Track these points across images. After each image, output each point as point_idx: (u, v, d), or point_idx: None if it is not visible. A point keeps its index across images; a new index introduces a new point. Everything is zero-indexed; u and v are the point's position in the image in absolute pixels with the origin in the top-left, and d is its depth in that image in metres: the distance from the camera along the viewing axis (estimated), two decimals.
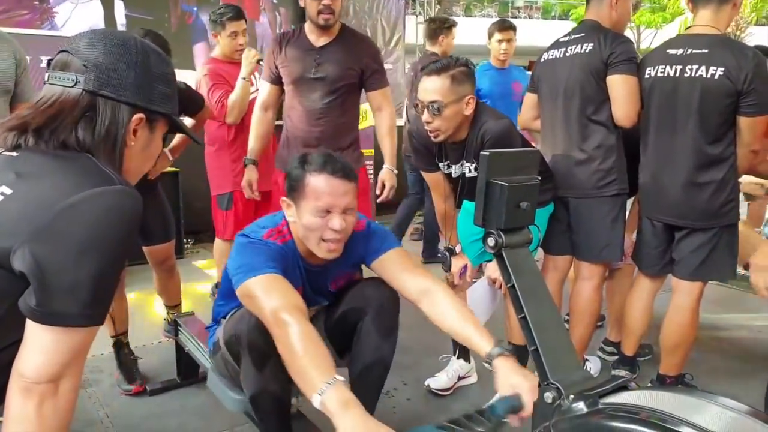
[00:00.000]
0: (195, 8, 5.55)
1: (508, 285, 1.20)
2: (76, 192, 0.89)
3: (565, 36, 2.33)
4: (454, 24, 4.06)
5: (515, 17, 22.03)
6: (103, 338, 2.52)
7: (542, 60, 2.38)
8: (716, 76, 1.98)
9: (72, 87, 0.99)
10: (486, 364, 1.34)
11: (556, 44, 2.34)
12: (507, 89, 3.85)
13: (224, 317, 1.77)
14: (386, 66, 9.59)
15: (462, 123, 2.01)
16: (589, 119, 2.21)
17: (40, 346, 0.88)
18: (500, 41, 3.82)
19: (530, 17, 23.48)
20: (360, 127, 2.84)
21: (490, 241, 1.21)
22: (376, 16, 8.70)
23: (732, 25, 14.60)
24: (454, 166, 2.15)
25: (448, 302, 1.47)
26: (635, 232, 2.47)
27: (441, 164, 2.20)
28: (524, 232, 1.23)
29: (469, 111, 1.99)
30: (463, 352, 2.49)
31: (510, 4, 25.32)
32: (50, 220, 0.87)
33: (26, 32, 4.27)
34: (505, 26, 3.86)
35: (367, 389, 1.67)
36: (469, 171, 2.08)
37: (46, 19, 5.74)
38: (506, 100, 3.80)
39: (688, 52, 2.06)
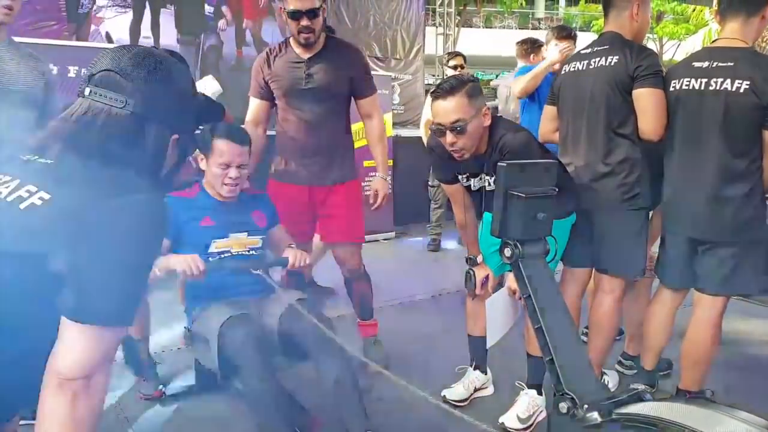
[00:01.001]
0: None
1: (525, 296, 1.21)
2: (108, 199, 0.96)
3: (587, 48, 2.33)
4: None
5: (536, 29, 21.96)
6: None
7: (564, 72, 2.38)
8: (741, 90, 1.96)
9: (121, 108, 1.05)
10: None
11: (578, 56, 2.34)
12: None
13: (195, 304, 2.18)
14: (405, 76, 9.69)
15: (482, 136, 2.03)
16: (614, 132, 2.20)
17: (73, 344, 0.93)
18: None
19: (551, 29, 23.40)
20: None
21: (507, 252, 1.22)
22: (395, 27, 8.78)
23: (759, 42, 14.42)
24: (473, 179, 2.17)
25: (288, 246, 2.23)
26: (654, 244, 2.45)
27: (461, 177, 2.22)
28: (541, 243, 1.24)
29: (487, 122, 2.02)
30: (480, 363, 2.49)
31: (530, 16, 25.29)
32: (83, 225, 0.93)
33: (54, 43, 4.39)
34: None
35: (350, 403, 1.91)
36: (489, 184, 2.09)
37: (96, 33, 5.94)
38: None
39: (713, 65, 2.04)
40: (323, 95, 2.50)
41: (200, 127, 2.67)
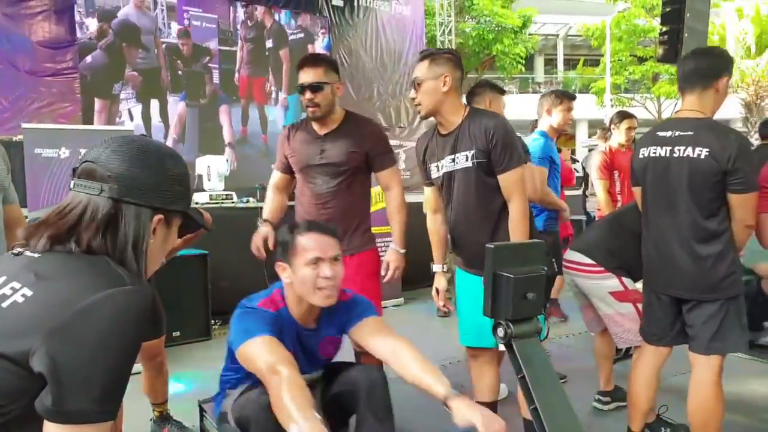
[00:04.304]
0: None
1: (519, 376, 1.21)
2: (90, 294, 0.96)
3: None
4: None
5: (536, 92, 22.51)
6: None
7: None
8: (702, 156, 2.08)
9: (98, 195, 1.07)
10: (444, 407, 1.47)
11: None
12: None
13: (230, 388, 1.91)
14: (410, 143, 9.91)
15: (442, 101, 2.18)
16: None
17: None
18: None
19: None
20: (374, 209, 2.89)
21: (500, 332, 1.22)
22: (399, 98, 9.07)
23: (751, 94, 14.71)
24: (442, 161, 2.25)
25: (412, 357, 1.63)
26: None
27: (431, 166, 2.30)
28: (533, 322, 1.25)
29: (446, 88, 2.17)
30: None
31: (530, 81, 25.98)
32: (65, 321, 0.93)
33: (68, 127, 4.58)
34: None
35: None
36: (466, 159, 2.18)
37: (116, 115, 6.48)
38: None
39: (676, 134, 2.18)
40: (336, 170, 2.55)
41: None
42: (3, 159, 2.17)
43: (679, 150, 2.15)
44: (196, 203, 2.81)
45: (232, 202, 5.09)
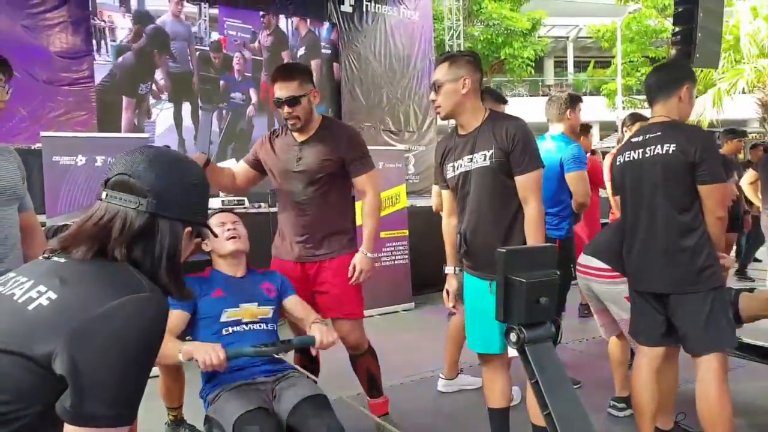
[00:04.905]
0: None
1: (532, 381, 1.21)
2: (110, 299, 0.99)
3: None
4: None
5: (546, 95, 22.44)
6: None
7: None
8: (671, 151, 2.22)
9: (134, 209, 1.11)
10: (308, 329, 2.16)
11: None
12: None
13: (206, 381, 2.23)
14: (420, 148, 9.85)
15: (461, 103, 2.22)
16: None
17: None
18: None
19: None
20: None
21: (513, 337, 1.23)
22: (408, 102, 9.09)
23: (764, 97, 14.47)
24: (459, 161, 2.28)
25: (310, 315, 2.30)
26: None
27: (447, 166, 2.33)
28: (546, 326, 1.25)
29: (465, 90, 2.20)
30: None
31: (540, 83, 25.92)
32: (85, 326, 0.96)
33: (85, 135, 4.64)
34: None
35: None
36: (484, 158, 2.20)
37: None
38: None
39: (646, 137, 2.34)
40: (312, 178, 2.58)
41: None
42: (19, 167, 2.21)
43: (650, 150, 2.29)
44: (209, 209, 2.82)
45: (244, 208, 5.12)
